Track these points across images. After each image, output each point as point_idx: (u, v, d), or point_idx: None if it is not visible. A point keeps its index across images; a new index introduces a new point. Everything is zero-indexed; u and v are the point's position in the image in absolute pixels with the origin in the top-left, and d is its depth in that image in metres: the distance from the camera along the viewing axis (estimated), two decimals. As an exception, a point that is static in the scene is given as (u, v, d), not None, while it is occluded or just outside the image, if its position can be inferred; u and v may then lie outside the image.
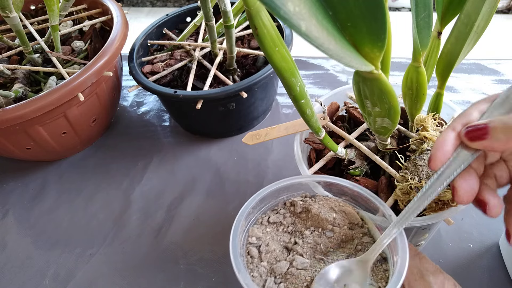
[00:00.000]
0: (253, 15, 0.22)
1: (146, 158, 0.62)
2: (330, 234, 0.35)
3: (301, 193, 0.37)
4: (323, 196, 0.36)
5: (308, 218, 0.36)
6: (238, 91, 0.52)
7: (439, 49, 0.35)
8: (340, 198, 0.36)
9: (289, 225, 0.36)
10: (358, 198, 0.35)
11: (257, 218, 0.37)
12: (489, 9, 0.30)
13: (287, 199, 0.37)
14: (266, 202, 0.36)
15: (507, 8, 1.72)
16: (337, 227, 0.35)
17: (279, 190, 0.36)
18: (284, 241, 0.35)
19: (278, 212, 0.37)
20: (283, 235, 0.35)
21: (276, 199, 0.37)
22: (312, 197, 0.37)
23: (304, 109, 0.30)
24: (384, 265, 0.32)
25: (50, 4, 0.55)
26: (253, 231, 0.35)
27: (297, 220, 0.36)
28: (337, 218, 0.35)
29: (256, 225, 0.36)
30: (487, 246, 0.46)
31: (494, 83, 0.68)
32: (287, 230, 0.36)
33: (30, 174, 0.62)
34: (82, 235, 0.53)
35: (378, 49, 0.21)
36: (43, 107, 0.48)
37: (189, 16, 0.70)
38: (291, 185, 0.36)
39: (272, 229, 0.36)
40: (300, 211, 0.36)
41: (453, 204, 0.33)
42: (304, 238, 0.34)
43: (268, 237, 0.35)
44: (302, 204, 0.36)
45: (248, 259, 0.34)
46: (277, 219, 0.36)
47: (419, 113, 0.38)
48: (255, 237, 0.35)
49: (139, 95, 0.74)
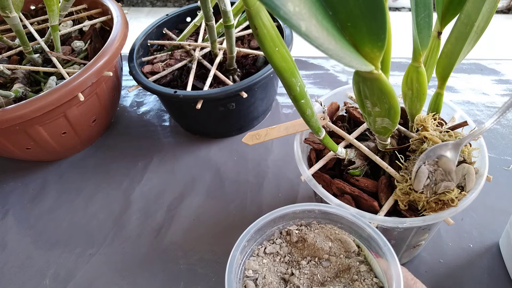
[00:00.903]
0: (253, 15, 0.22)
1: (146, 158, 0.62)
2: (326, 263, 0.34)
3: (296, 221, 0.37)
4: (319, 224, 0.36)
5: (305, 247, 0.35)
6: (238, 91, 0.52)
7: (439, 49, 0.35)
8: (336, 225, 0.36)
9: (286, 255, 0.36)
10: (353, 226, 0.35)
11: (253, 250, 0.36)
12: (489, 9, 0.30)
13: (283, 228, 0.37)
14: (261, 232, 0.36)
15: (507, 8, 1.72)
16: (333, 256, 0.35)
17: (274, 219, 0.36)
18: (281, 272, 0.35)
19: (274, 242, 0.36)
20: (280, 266, 0.35)
21: (271, 229, 0.37)
22: (307, 225, 0.37)
23: (304, 109, 0.30)
24: None
25: (50, 4, 0.55)
26: (250, 264, 0.35)
27: (293, 250, 0.36)
28: (333, 247, 0.35)
29: (253, 257, 0.36)
30: (487, 246, 0.46)
31: (494, 83, 0.68)
32: (284, 260, 0.35)
33: (30, 174, 0.62)
34: (82, 235, 0.53)
35: (378, 49, 0.21)
36: (43, 107, 0.48)
37: (189, 16, 0.70)
38: (286, 214, 0.36)
39: (268, 260, 0.35)
40: (296, 240, 0.36)
41: (453, 204, 0.33)
42: (301, 269, 0.34)
43: (265, 268, 0.35)
44: (297, 233, 0.36)
45: None
46: (273, 249, 0.36)
47: (419, 113, 0.38)
48: (251, 270, 0.34)
49: (139, 95, 0.74)
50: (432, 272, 0.45)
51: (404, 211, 0.35)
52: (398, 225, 0.33)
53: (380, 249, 0.32)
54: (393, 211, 0.36)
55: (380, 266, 0.32)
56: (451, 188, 0.32)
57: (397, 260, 0.30)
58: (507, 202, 0.50)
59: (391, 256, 0.31)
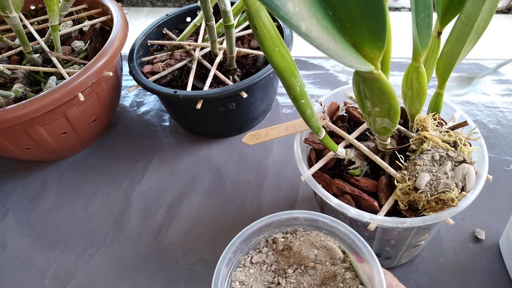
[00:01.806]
0: (253, 15, 0.22)
1: (146, 158, 0.62)
2: (312, 272, 0.34)
3: (282, 229, 0.37)
4: (304, 231, 0.36)
5: (291, 255, 0.35)
6: (238, 91, 0.52)
7: (439, 49, 0.35)
8: (321, 231, 0.36)
9: (272, 263, 0.36)
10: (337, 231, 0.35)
11: (239, 261, 0.36)
12: (489, 9, 0.30)
13: (269, 236, 0.37)
14: (247, 242, 0.36)
15: (507, 8, 1.72)
16: (319, 264, 0.35)
17: (260, 228, 0.36)
18: (268, 281, 0.35)
19: (260, 251, 0.36)
20: (266, 275, 0.35)
21: (257, 237, 0.36)
22: (293, 232, 0.37)
23: (304, 109, 0.30)
24: None
25: (50, 4, 0.55)
26: (236, 275, 0.35)
27: (280, 258, 0.36)
28: (319, 254, 0.35)
29: (239, 268, 0.35)
30: (487, 246, 0.46)
31: (494, 83, 0.68)
32: (271, 269, 0.35)
33: (30, 174, 0.62)
34: (82, 235, 0.53)
35: (378, 49, 0.21)
36: (43, 107, 0.48)
37: (189, 16, 0.70)
38: (271, 222, 0.36)
39: (255, 270, 0.35)
40: (282, 248, 0.36)
41: (453, 204, 0.33)
42: (287, 278, 0.34)
43: (252, 279, 0.35)
44: (283, 241, 0.36)
45: None
46: (259, 258, 0.36)
47: (419, 113, 0.38)
48: (238, 282, 0.34)
49: (139, 95, 0.74)
50: (432, 272, 0.45)
51: (404, 211, 0.35)
52: (398, 225, 0.33)
53: (364, 255, 0.32)
54: (393, 211, 0.36)
55: (365, 271, 0.32)
56: (451, 187, 0.32)
57: (379, 266, 0.30)
58: (507, 202, 0.50)
59: (373, 262, 0.31)
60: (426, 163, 0.34)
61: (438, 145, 0.35)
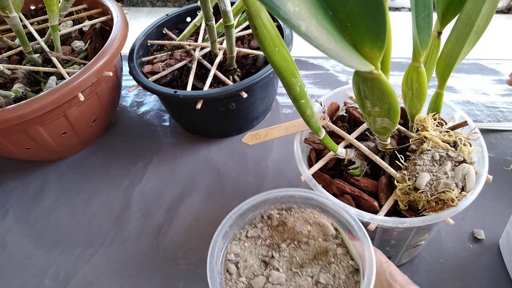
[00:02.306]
0: (253, 15, 0.22)
1: (146, 158, 0.62)
2: (305, 246, 0.36)
3: (277, 205, 0.38)
4: (299, 209, 0.37)
5: (285, 231, 0.37)
6: (238, 91, 0.52)
7: (439, 49, 0.35)
8: (315, 209, 0.37)
9: (267, 238, 0.37)
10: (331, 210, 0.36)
11: (235, 234, 0.37)
12: (489, 9, 0.30)
13: (264, 213, 0.38)
14: (244, 217, 0.37)
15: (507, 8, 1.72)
16: (311, 240, 0.36)
17: (256, 205, 0.37)
18: (262, 254, 0.36)
19: (256, 226, 0.38)
20: (261, 249, 0.36)
21: (253, 213, 0.38)
22: (288, 209, 0.38)
23: (304, 109, 0.30)
24: (355, 276, 0.33)
25: (50, 4, 0.55)
26: (231, 248, 0.36)
27: (274, 233, 0.37)
28: (312, 230, 0.36)
29: (235, 241, 0.37)
30: (487, 246, 0.46)
31: (494, 83, 0.68)
32: (265, 243, 0.37)
33: (30, 174, 0.62)
34: (82, 235, 0.53)
35: (378, 49, 0.21)
36: (43, 107, 0.48)
37: (189, 16, 0.70)
38: (267, 199, 0.37)
39: (250, 244, 0.37)
40: (277, 224, 0.37)
41: (453, 204, 0.33)
42: (280, 252, 0.36)
43: (246, 252, 0.36)
44: (278, 217, 0.37)
45: (226, 276, 0.35)
46: (255, 233, 0.37)
47: (419, 113, 0.38)
48: (233, 254, 0.36)
49: (139, 95, 0.74)
50: (432, 272, 0.45)
51: (404, 211, 0.35)
52: (398, 225, 0.33)
53: (356, 232, 0.33)
54: (393, 211, 0.36)
55: (356, 248, 0.33)
56: (451, 187, 0.32)
57: (370, 243, 0.31)
58: (507, 202, 0.50)
59: (365, 239, 0.32)
60: (426, 163, 0.34)
61: (438, 145, 0.35)
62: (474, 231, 0.47)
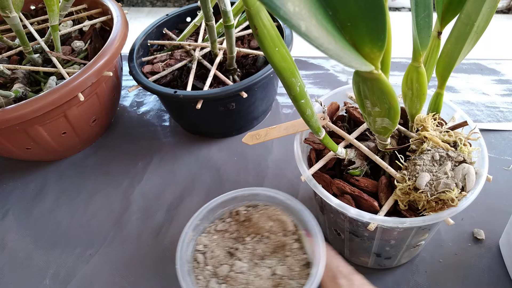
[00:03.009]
0: (253, 15, 0.22)
1: (146, 158, 0.62)
2: (266, 240, 0.40)
3: (245, 203, 0.43)
4: (264, 206, 0.42)
5: (250, 226, 0.41)
6: (238, 91, 0.52)
7: (439, 49, 0.35)
8: (278, 207, 0.41)
9: (234, 232, 0.41)
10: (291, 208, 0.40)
11: (205, 228, 0.42)
12: (489, 9, 0.30)
13: (233, 209, 0.43)
14: (214, 212, 0.42)
15: (507, 8, 1.72)
16: (272, 234, 0.40)
17: (225, 201, 0.42)
18: (228, 246, 0.40)
19: (224, 221, 0.42)
20: (228, 241, 0.41)
21: (223, 209, 0.42)
22: (254, 206, 0.42)
23: (304, 109, 0.30)
24: (308, 269, 0.37)
25: (50, 4, 0.55)
26: (201, 240, 0.41)
27: (240, 228, 0.41)
28: (273, 226, 0.40)
29: (204, 234, 0.41)
30: (487, 246, 0.46)
31: (494, 83, 0.68)
32: (232, 236, 0.41)
33: (30, 174, 0.62)
34: (82, 235, 0.53)
35: (378, 49, 0.21)
36: (43, 107, 0.48)
37: (189, 16, 0.70)
38: (236, 196, 0.42)
39: (218, 236, 0.41)
40: (243, 219, 0.42)
41: (453, 204, 0.33)
42: (245, 244, 0.40)
43: (214, 244, 0.40)
44: (245, 213, 0.42)
45: (195, 265, 0.39)
46: (223, 227, 0.41)
47: (419, 113, 0.38)
48: (202, 245, 0.40)
49: (139, 95, 0.74)
50: (432, 272, 0.45)
51: (404, 211, 0.35)
52: (398, 225, 0.33)
53: (311, 229, 0.37)
54: (393, 211, 0.36)
55: (310, 244, 0.37)
56: (451, 187, 0.32)
57: (323, 240, 0.36)
58: (507, 202, 0.50)
59: (319, 236, 0.36)
60: (426, 163, 0.34)
61: (438, 145, 0.35)
62: (474, 231, 0.47)
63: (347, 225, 0.39)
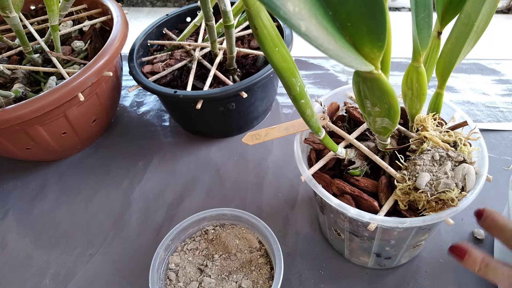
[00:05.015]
0: (253, 15, 0.22)
1: (146, 158, 0.62)
2: (234, 257, 0.44)
3: (213, 222, 0.47)
4: (230, 225, 0.47)
5: (218, 244, 0.45)
6: (238, 91, 0.52)
7: (439, 49, 0.35)
8: (244, 226, 0.46)
9: (203, 249, 0.45)
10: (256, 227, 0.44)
11: (176, 247, 0.45)
12: (489, 9, 0.30)
13: (203, 228, 0.47)
14: (184, 232, 0.45)
15: (507, 8, 1.72)
16: (239, 252, 0.44)
17: (195, 221, 0.45)
18: (198, 263, 0.44)
19: (194, 240, 0.46)
20: (198, 258, 0.44)
21: (193, 229, 0.46)
22: (222, 226, 0.47)
23: (304, 109, 0.30)
24: (271, 281, 0.41)
25: (50, 4, 0.55)
26: (173, 258, 0.44)
27: (209, 246, 0.45)
28: (240, 244, 0.45)
29: (176, 253, 0.45)
30: (487, 246, 0.46)
31: (494, 83, 0.68)
32: (202, 254, 0.45)
33: (30, 174, 0.62)
34: (82, 235, 0.53)
35: (378, 49, 0.21)
36: (43, 107, 0.48)
37: (189, 16, 0.70)
38: (204, 217, 0.45)
39: (189, 254, 0.45)
40: (212, 238, 0.46)
41: (453, 204, 0.33)
42: (214, 261, 0.44)
43: (186, 261, 0.44)
44: (213, 232, 0.46)
45: (167, 282, 0.43)
46: (193, 246, 0.45)
47: (419, 113, 0.38)
48: (174, 264, 0.44)
49: (139, 95, 0.74)
50: (432, 272, 0.45)
51: (404, 211, 0.35)
52: (398, 225, 0.33)
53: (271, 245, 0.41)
54: (393, 211, 0.36)
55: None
56: (451, 187, 0.32)
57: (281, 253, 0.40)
58: (506, 202, 0.50)
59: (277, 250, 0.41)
60: (426, 163, 0.34)
61: (438, 145, 0.35)
62: (474, 231, 0.47)
63: (347, 225, 0.39)
